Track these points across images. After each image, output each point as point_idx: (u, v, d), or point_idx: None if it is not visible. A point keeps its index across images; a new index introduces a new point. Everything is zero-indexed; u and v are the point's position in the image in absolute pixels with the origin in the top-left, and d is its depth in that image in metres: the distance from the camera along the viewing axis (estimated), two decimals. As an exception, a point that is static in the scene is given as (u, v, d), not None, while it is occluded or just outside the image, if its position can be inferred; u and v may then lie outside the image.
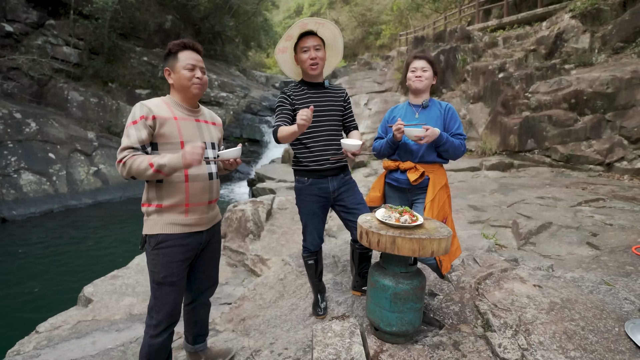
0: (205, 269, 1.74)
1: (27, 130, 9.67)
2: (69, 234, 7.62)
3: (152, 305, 1.54)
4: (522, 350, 1.35)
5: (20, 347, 2.53)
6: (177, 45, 1.58)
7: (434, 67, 1.98)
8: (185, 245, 1.55)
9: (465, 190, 5.63)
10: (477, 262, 2.03)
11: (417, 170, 1.92)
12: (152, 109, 1.51)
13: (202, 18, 17.51)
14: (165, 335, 1.54)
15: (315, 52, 1.86)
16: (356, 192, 2.02)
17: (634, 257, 2.71)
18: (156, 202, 1.54)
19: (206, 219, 1.63)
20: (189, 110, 1.63)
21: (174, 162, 1.41)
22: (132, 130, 1.47)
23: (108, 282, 3.30)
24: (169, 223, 1.52)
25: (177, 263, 1.53)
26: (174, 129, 1.53)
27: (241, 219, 4.24)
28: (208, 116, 1.75)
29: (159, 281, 1.51)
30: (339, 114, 2.01)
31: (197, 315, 1.79)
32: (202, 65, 1.61)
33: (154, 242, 1.52)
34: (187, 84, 1.57)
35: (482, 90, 9.16)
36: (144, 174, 1.41)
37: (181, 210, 1.54)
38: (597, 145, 6.55)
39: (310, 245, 2.04)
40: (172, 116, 1.55)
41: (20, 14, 11.67)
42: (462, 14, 15.76)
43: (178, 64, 1.56)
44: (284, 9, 41.59)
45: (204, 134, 1.64)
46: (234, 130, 14.16)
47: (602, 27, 8.40)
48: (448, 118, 1.97)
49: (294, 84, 2.01)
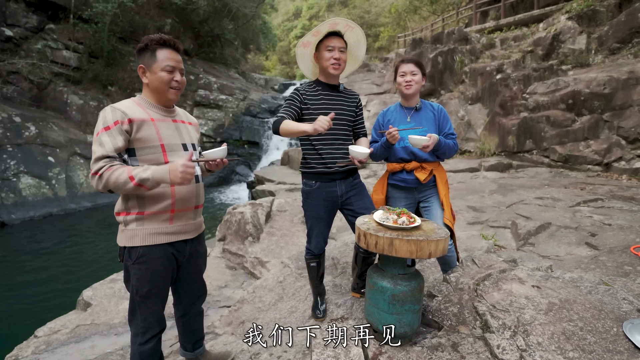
0: (192, 279, 1.64)
1: (26, 133, 9.68)
2: (68, 237, 7.61)
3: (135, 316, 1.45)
4: (521, 351, 1.35)
5: (18, 352, 2.52)
6: (155, 41, 1.41)
7: (422, 69, 2.02)
8: (168, 257, 1.43)
9: (464, 191, 5.63)
10: (476, 263, 2.04)
11: (424, 169, 1.99)
12: (126, 112, 1.36)
13: (201, 21, 17.58)
14: (155, 341, 1.48)
15: (339, 53, 1.85)
16: (365, 195, 2.01)
17: (632, 257, 2.71)
18: (137, 210, 1.38)
19: (192, 225, 1.52)
20: (164, 111, 1.50)
21: (159, 176, 1.28)
22: (105, 137, 1.32)
23: (107, 285, 3.29)
24: (152, 233, 1.38)
25: (161, 276, 1.41)
26: (152, 131, 1.40)
27: (240, 221, 4.24)
28: (183, 116, 1.63)
29: (143, 295, 1.40)
30: (350, 119, 2.00)
31: (192, 325, 1.73)
32: (181, 67, 1.47)
33: (135, 255, 1.38)
34: (164, 88, 1.43)
35: (480, 91, 9.19)
36: (122, 187, 1.27)
37: (165, 217, 1.41)
38: (595, 146, 6.56)
39: (315, 248, 2.02)
40: (149, 117, 1.41)
41: (20, 18, 11.71)
42: (460, 16, 15.84)
43: (156, 63, 1.41)
44: (283, 12, 41.75)
45: (183, 135, 1.53)
46: (233, 132, 14.18)
47: (598, 28, 8.44)
48: (441, 120, 2.05)
49: (309, 83, 1.98)
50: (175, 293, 1.63)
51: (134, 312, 1.45)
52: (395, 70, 2.06)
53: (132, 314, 1.46)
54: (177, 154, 1.46)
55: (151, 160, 1.40)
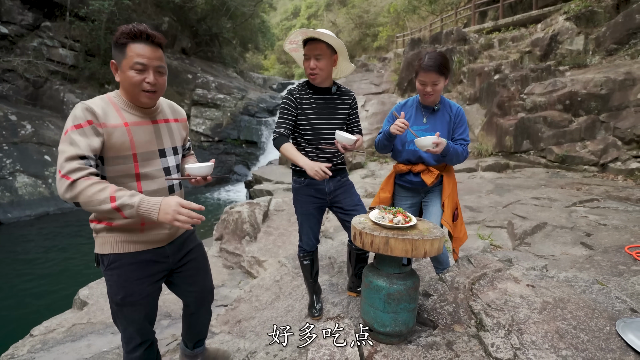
0: (196, 280, 1.57)
1: (22, 132, 9.63)
2: (64, 236, 7.58)
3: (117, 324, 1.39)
4: (515, 350, 1.36)
5: (14, 351, 2.51)
6: (124, 34, 1.17)
7: (446, 73, 1.82)
8: (144, 262, 1.33)
9: (461, 191, 5.65)
10: (472, 263, 2.05)
11: (431, 172, 1.96)
12: (98, 115, 1.16)
13: (199, 20, 17.53)
14: (141, 351, 1.42)
15: (315, 61, 1.74)
16: (353, 193, 2.02)
17: (626, 256, 2.74)
18: (106, 220, 1.27)
19: (166, 235, 1.38)
20: (142, 112, 1.29)
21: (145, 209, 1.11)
22: (76, 136, 1.12)
23: (104, 285, 3.28)
24: (121, 241, 1.29)
25: (135, 282, 1.32)
26: (125, 139, 1.21)
27: (238, 220, 4.24)
28: (169, 112, 1.42)
29: (117, 302, 1.32)
30: (342, 121, 1.95)
31: (200, 324, 1.71)
32: (158, 64, 1.22)
33: (107, 262, 1.30)
34: (134, 90, 1.22)
35: (478, 91, 9.22)
36: (95, 205, 1.09)
37: (136, 228, 1.30)
38: (592, 146, 6.60)
39: (306, 245, 2.04)
40: (122, 122, 1.22)
41: (16, 15, 11.63)
42: (458, 16, 15.87)
43: (125, 60, 1.18)
44: (281, 10, 41.70)
45: (162, 139, 1.35)
46: (231, 132, 14.16)
47: (595, 29, 8.49)
48: (457, 123, 1.95)
49: (302, 85, 1.90)
50: (181, 295, 1.60)
51: (115, 320, 1.41)
52: (416, 73, 1.87)
53: (114, 321, 1.42)
54: (152, 162, 1.31)
55: (120, 170, 1.25)
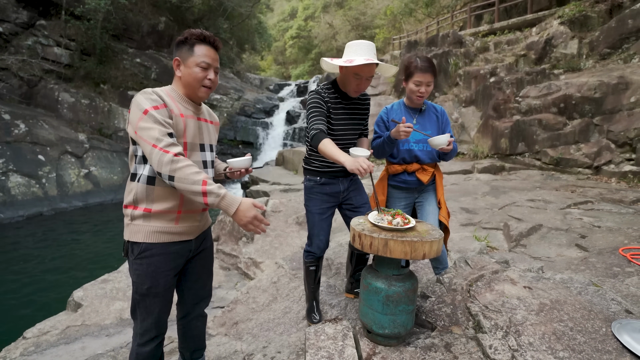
0: (199, 277, 1.60)
1: (16, 131, 9.51)
2: (58, 237, 7.50)
3: (136, 315, 1.42)
4: (512, 351, 1.36)
5: (6, 354, 2.47)
6: (195, 36, 1.38)
7: (436, 74, 1.99)
8: (173, 254, 1.41)
9: (457, 193, 5.68)
10: (469, 264, 2.06)
11: (426, 171, 2.04)
12: (166, 101, 1.33)
13: (196, 20, 17.47)
14: (153, 345, 1.44)
15: (366, 82, 1.80)
16: (362, 191, 2.07)
17: (621, 258, 2.76)
18: (144, 206, 1.35)
19: (197, 227, 1.50)
20: (193, 107, 1.46)
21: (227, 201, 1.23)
22: (158, 115, 1.26)
23: (98, 286, 3.25)
24: (155, 231, 1.36)
25: (163, 273, 1.38)
26: (181, 127, 1.37)
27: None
28: (207, 114, 1.58)
29: (142, 292, 1.37)
30: (364, 123, 2.02)
31: (193, 329, 1.67)
32: (217, 65, 1.44)
33: (137, 251, 1.35)
34: (196, 85, 1.41)
35: (474, 94, 9.29)
36: (188, 185, 1.20)
37: (172, 217, 1.39)
38: (586, 149, 6.68)
39: (317, 248, 1.98)
40: (179, 112, 1.38)
41: (10, 13, 11.51)
42: (455, 19, 15.99)
43: (192, 58, 1.38)
44: (278, 12, 41.71)
45: (204, 135, 1.50)
46: (227, 132, 14.12)
47: (589, 33, 8.60)
48: (444, 122, 2.09)
49: (327, 87, 1.89)
50: (179, 290, 1.59)
51: (134, 311, 1.43)
52: (410, 73, 1.95)
53: (133, 312, 1.44)
54: (195, 154, 1.45)
55: None
